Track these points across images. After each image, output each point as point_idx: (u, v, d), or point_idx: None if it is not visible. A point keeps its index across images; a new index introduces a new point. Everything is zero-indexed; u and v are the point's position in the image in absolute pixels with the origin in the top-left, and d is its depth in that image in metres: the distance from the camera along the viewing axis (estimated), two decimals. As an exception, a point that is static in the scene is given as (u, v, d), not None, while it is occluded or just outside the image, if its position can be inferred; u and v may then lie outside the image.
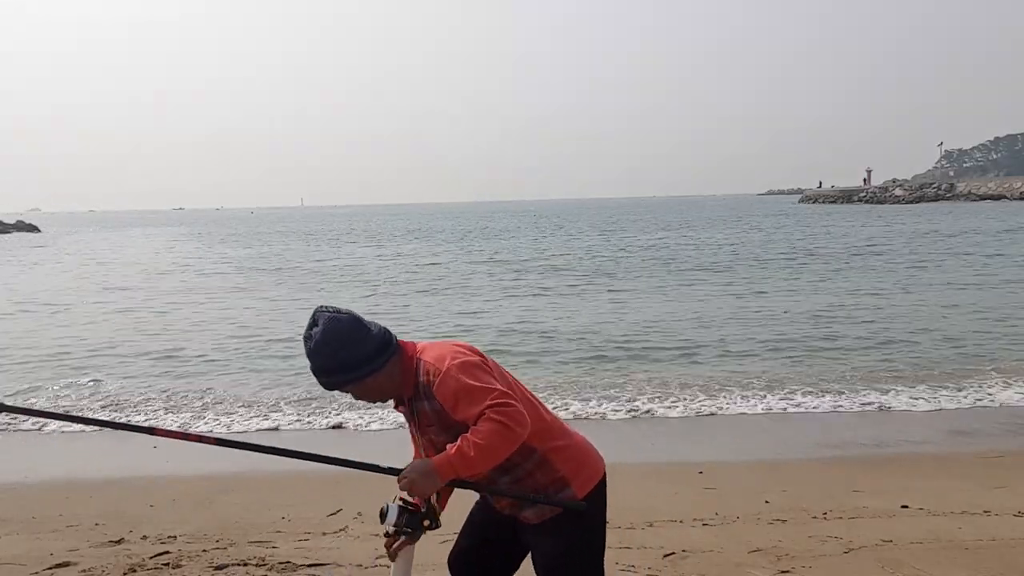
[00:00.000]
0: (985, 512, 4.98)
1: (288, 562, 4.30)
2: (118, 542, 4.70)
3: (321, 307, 2.45)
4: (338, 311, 2.42)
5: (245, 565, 4.28)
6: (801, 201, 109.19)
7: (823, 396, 8.81)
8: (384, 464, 2.46)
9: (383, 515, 2.40)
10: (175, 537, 4.78)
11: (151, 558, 4.40)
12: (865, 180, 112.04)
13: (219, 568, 4.25)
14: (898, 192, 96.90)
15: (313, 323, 2.39)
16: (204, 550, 4.53)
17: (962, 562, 4.17)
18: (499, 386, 2.35)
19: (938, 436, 7.30)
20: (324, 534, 4.80)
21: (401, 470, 2.38)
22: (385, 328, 2.48)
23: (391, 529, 2.40)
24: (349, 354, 2.35)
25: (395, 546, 2.49)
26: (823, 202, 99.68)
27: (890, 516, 4.95)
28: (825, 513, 5.01)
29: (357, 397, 2.49)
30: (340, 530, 4.82)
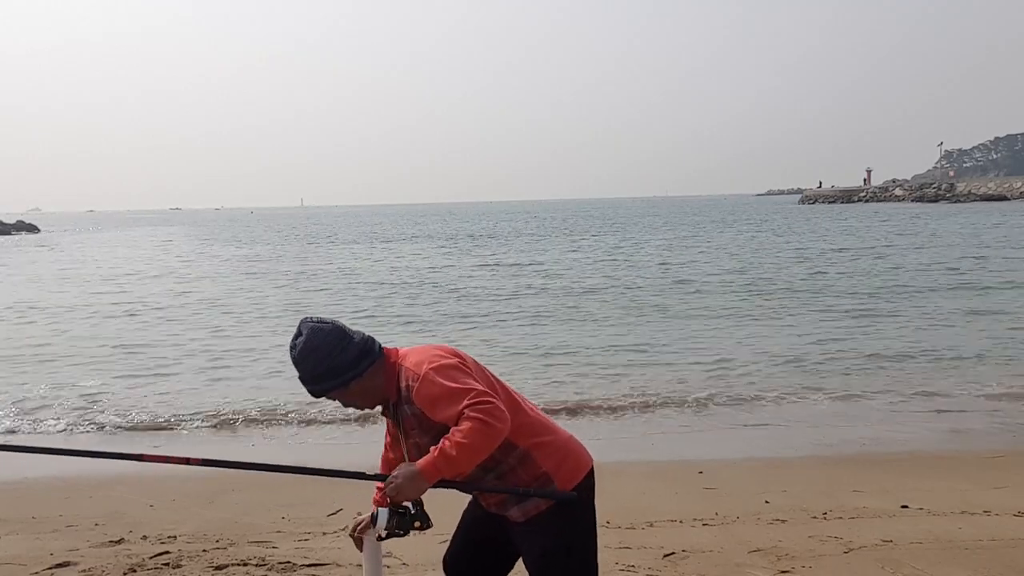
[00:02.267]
0: (985, 512, 4.98)
1: (288, 562, 4.30)
2: (118, 542, 4.70)
3: (306, 317, 2.53)
4: (322, 321, 2.50)
5: (245, 565, 4.28)
6: (801, 201, 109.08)
7: (824, 397, 8.82)
8: (370, 472, 2.53)
9: (374, 520, 2.44)
10: (175, 537, 4.78)
11: (151, 558, 4.40)
12: (865, 180, 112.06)
13: (219, 568, 4.25)
14: (898, 192, 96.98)
15: (298, 333, 2.48)
16: (204, 550, 4.53)
17: (962, 562, 4.17)
18: (477, 385, 2.38)
19: (938, 436, 7.30)
20: (324, 534, 4.80)
21: (387, 476, 2.42)
22: (368, 336, 2.54)
23: (383, 533, 2.44)
24: (332, 362, 2.43)
25: (358, 531, 2.55)
26: (823, 202, 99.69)
27: (890, 516, 4.95)
28: (825, 513, 5.01)
29: (345, 404, 2.54)
30: (340, 530, 4.82)
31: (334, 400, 2.54)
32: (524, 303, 17.23)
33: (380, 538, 2.47)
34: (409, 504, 2.44)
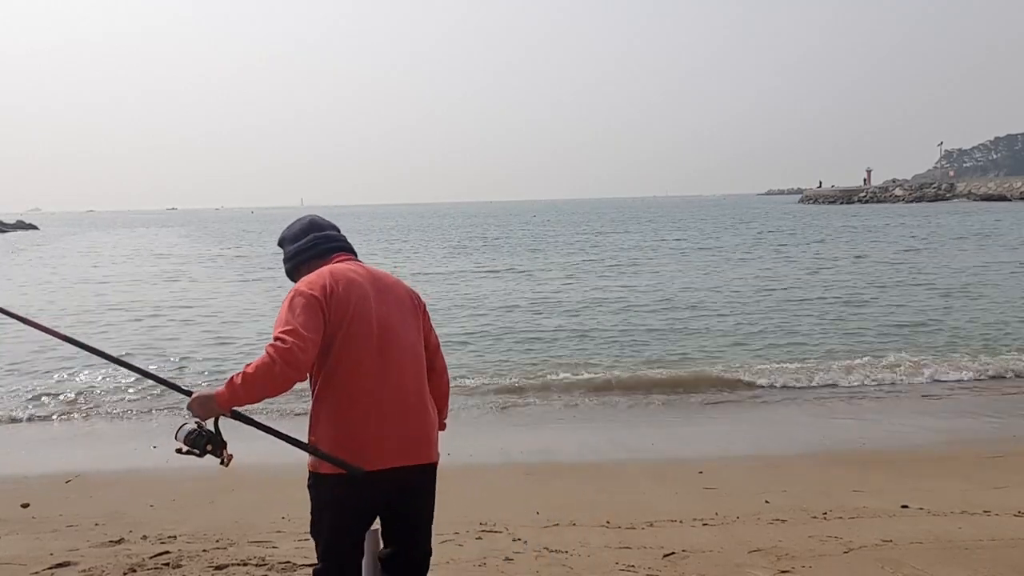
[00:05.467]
0: (985, 512, 4.98)
1: (288, 562, 4.29)
2: (118, 542, 4.69)
3: (308, 215, 2.93)
4: (304, 216, 2.91)
5: (245, 565, 4.28)
6: (801, 201, 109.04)
7: (825, 396, 8.83)
8: (186, 386, 2.70)
9: (176, 432, 2.51)
10: (175, 537, 4.77)
11: (151, 558, 4.39)
12: (865, 180, 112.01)
13: (219, 568, 4.24)
14: (898, 192, 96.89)
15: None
16: (204, 550, 4.52)
17: (962, 562, 4.16)
18: (298, 324, 2.45)
19: (937, 436, 7.30)
20: (324, 534, 4.79)
21: (192, 393, 2.55)
22: (328, 239, 2.82)
23: (182, 447, 2.48)
24: (290, 247, 2.84)
25: None
26: (823, 202, 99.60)
27: (890, 516, 4.95)
28: (825, 513, 5.01)
29: None
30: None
31: None
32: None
33: (178, 451, 2.50)
34: (210, 424, 2.50)
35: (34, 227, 73.16)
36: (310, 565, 4.25)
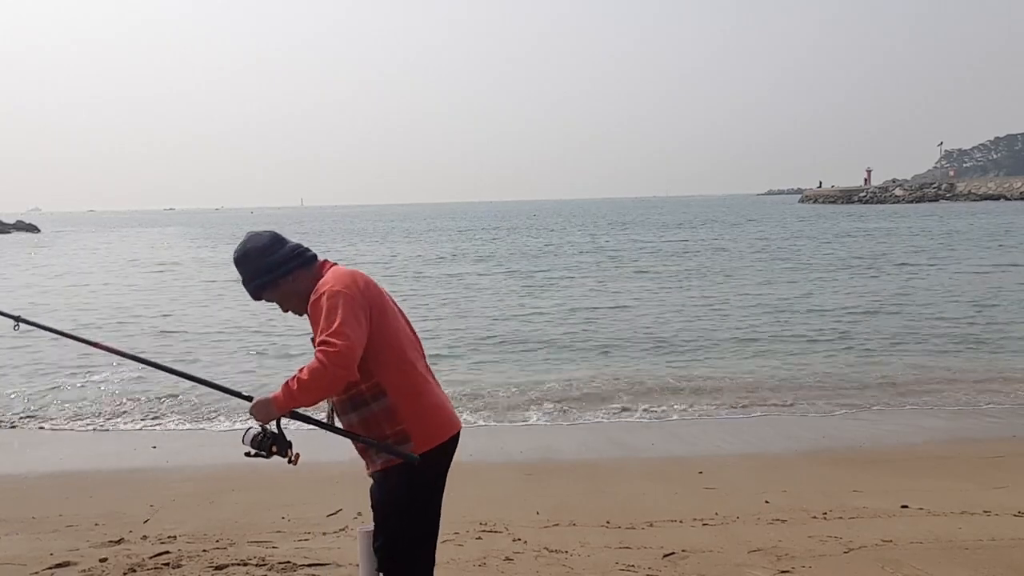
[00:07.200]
0: (985, 512, 4.98)
1: (288, 562, 4.29)
2: (118, 542, 4.69)
3: (251, 230, 2.87)
4: (262, 231, 2.83)
5: (245, 565, 4.28)
6: (801, 201, 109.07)
7: (825, 396, 8.82)
8: (247, 392, 2.77)
9: (243, 436, 2.61)
10: (175, 537, 4.77)
11: (151, 558, 4.39)
12: (865, 180, 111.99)
13: (219, 568, 4.24)
14: (898, 192, 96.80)
15: (241, 240, 2.82)
16: (204, 550, 4.52)
17: (962, 562, 4.16)
18: (340, 322, 2.50)
19: (938, 436, 7.30)
20: (324, 534, 4.79)
21: (252, 399, 2.65)
22: (304, 247, 2.83)
23: (250, 450, 2.59)
24: (262, 261, 2.74)
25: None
26: (823, 202, 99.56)
27: (890, 516, 4.95)
28: (825, 513, 5.01)
29: (283, 308, 2.81)
30: (340, 530, 4.82)
31: (272, 302, 2.80)
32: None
33: (247, 454, 2.59)
34: (273, 427, 2.60)
35: (35, 228, 72.99)
36: (310, 565, 4.27)
